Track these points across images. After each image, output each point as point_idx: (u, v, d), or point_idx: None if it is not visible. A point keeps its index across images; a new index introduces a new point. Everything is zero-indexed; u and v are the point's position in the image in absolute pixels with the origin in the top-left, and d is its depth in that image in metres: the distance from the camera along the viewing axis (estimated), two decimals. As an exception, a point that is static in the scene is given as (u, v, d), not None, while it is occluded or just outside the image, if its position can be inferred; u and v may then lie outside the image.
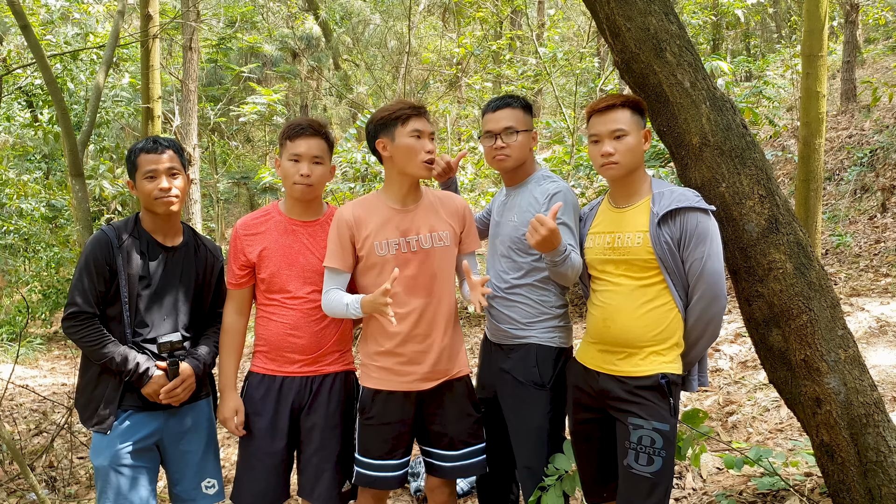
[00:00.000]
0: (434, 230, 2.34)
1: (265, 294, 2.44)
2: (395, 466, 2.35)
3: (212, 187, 13.59)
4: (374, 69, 16.40)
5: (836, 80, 10.70)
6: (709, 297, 2.09)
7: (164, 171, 2.33)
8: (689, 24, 8.33)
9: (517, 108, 2.49)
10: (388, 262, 2.30)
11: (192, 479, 2.45)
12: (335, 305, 2.28)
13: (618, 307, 2.17)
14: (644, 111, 2.22)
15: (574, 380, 2.33)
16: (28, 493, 3.89)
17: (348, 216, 2.32)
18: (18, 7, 4.02)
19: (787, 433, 3.59)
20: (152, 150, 2.34)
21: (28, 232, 11.51)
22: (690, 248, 2.08)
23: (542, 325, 2.43)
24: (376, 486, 2.35)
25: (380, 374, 2.35)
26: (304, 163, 2.36)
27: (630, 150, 2.14)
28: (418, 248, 2.32)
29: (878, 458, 2.16)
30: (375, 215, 2.33)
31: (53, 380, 7.53)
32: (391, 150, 2.30)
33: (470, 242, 2.46)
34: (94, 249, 2.29)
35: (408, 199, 2.36)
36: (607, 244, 2.21)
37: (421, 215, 2.35)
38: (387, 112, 2.29)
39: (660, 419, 2.07)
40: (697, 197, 2.12)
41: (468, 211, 2.47)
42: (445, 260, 2.36)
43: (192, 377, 2.35)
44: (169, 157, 2.35)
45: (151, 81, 6.36)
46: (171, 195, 2.33)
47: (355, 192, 6.59)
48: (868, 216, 7.56)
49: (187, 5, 7.60)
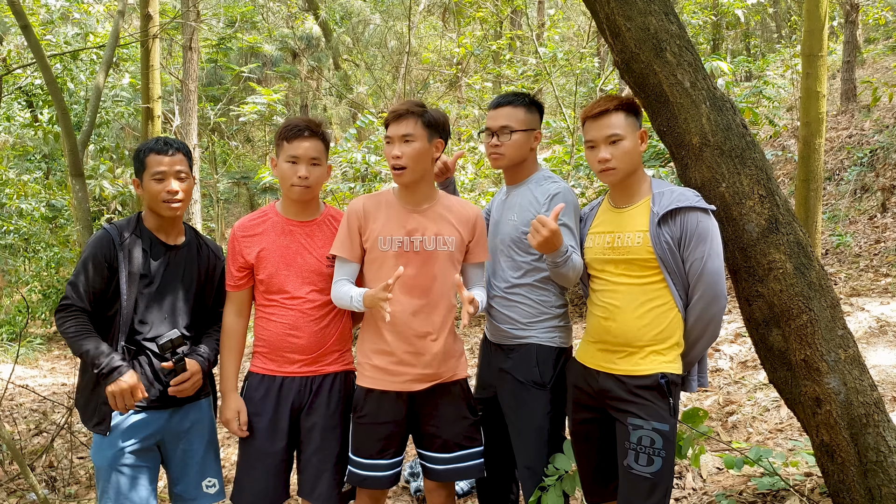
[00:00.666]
0: (440, 234, 2.34)
1: (264, 295, 2.44)
2: (386, 466, 2.36)
3: (212, 187, 13.58)
4: (374, 69, 16.40)
5: (836, 80, 10.70)
6: (709, 296, 2.09)
7: (172, 174, 2.33)
8: (689, 24, 8.33)
9: (518, 106, 2.48)
10: (389, 258, 2.31)
11: (193, 478, 2.45)
12: (342, 296, 2.32)
13: (618, 307, 2.17)
14: (639, 112, 2.22)
15: (574, 379, 2.33)
16: (28, 493, 3.89)
17: (359, 207, 2.36)
18: (19, 7, 4.02)
19: (787, 433, 3.59)
20: (162, 152, 2.34)
21: (28, 232, 11.51)
22: (691, 247, 2.08)
23: (542, 325, 2.43)
24: (367, 486, 2.36)
25: (373, 374, 2.35)
26: (301, 164, 2.36)
27: (627, 154, 2.14)
28: (421, 248, 2.32)
29: (878, 458, 2.16)
30: (385, 210, 2.35)
31: (53, 380, 7.53)
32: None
33: (478, 253, 2.44)
34: (95, 247, 2.29)
35: (416, 200, 2.36)
36: (607, 244, 2.21)
37: (430, 218, 2.35)
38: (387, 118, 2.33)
39: (659, 419, 2.06)
40: (697, 197, 2.12)
41: (480, 221, 2.45)
42: (447, 265, 2.35)
43: (199, 373, 2.36)
44: (178, 159, 2.36)
45: (151, 81, 6.36)
46: (178, 198, 2.34)
47: (355, 192, 6.59)
48: (868, 216, 7.56)
49: (187, 5, 7.60)
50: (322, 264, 2.41)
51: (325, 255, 2.42)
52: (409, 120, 2.27)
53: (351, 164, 6.46)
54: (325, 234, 2.46)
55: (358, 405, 2.38)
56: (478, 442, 2.44)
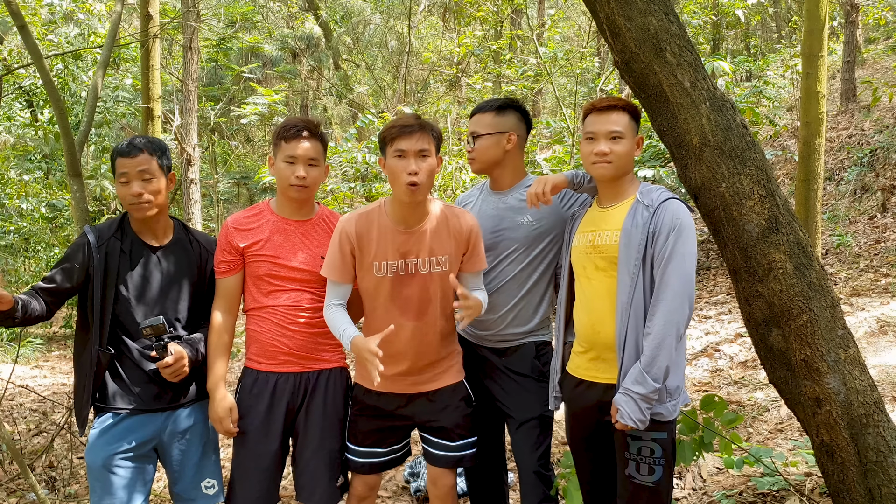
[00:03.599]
0: (434, 254, 2.29)
1: (256, 295, 2.42)
2: (383, 454, 2.43)
3: (212, 187, 13.58)
4: (375, 69, 16.39)
5: (837, 80, 10.69)
6: (673, 298, 2.01)
7: (135, 176, 2.27)
8: (690, 24, 8.32)
9: (487, 112, 2.50)
10: (385, 283, 2.29)
11: (192, 479, 2.44)
12: (334, 327, 2.29)
13: (604, 310, 2.14)
14: (640, 118, 2.24)
15: (569, 394, 2.30)
16: (28, 493, 3.89)
17: (350, 230, 2.28)
18: (15, 7, 4.01)
19: (787, 433, 3.59)
20: (125, 154, 2.27)
21: (28, 232, 11.50)
22: (663, 240, 2.04)
23: (539, 323, 2.50)
24: (363, 471, 2.41)
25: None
26: (299, 165, 2.34)
27: (624, 154, 2.16)
28: (416, 271, 2.29)
29: (879, 459, 2.16)
30: (377, 233, 2.28)
31: (53, 380, 7.53)
32: (385, 170, 2.27)
33: (474, 263, 2.37)
34: (70, 251, 2.30)
35: (410, 220, 2.29)
36: (589, 242, 2.22)
37: (423, 237, 2.29)
38: (383, 131, 2.26)
39: (657, 428, 2.05)
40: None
41: (475, 232, 2.36)
42: (442, 284, 2.33)
43: (183, 359, 2.27)
44: (142, 160, 2.27)
45: (151, 81, 6.35)
46: (143, 201, 2.27)
47: (355, 192, 6.60)
48: (868, 216, 7.56)
49: (187, 5, 7.59)
50: (317, 265, 2.40)
51: (319, 256, 2.40)
52: (424, 135, 2.20)
53: (351, 164, 6.47)
54: (319, 234, 2.45)
55: (357, 398, 2.43)
56: (473, 432, 2.47)
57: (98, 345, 2.27)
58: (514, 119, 2.51)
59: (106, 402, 2.32)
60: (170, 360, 2.22)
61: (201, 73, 12.72)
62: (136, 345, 2.32)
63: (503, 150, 2.49)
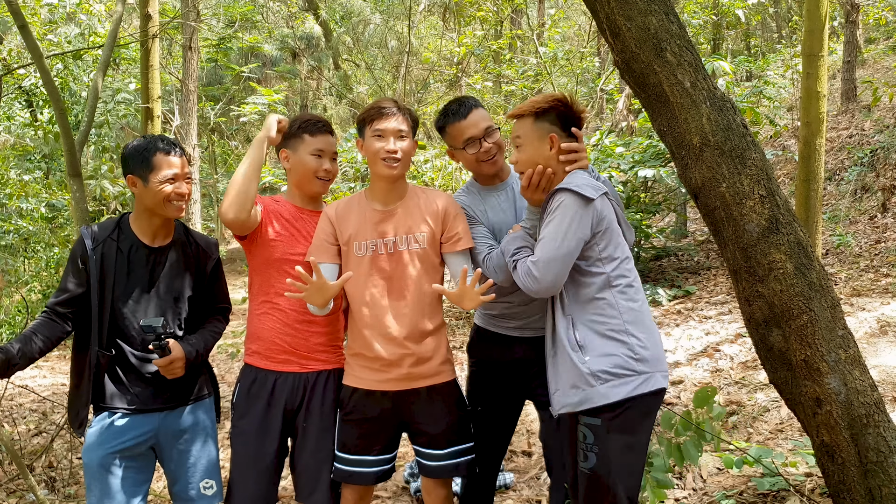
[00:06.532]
0: (410, 232, 2.34)
1: (260, 290, 2.43)
2: (371, 462, 2.36)
3: (212, 187, 13.58)
4: (374, 69, 16.39)
5: (837, 80, 10.68)
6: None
7: (182, 176, 2.33)
8: (690, 24, 8.33)
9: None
10: (364, 262, 2.32)
11: (191, 479, 2.43)
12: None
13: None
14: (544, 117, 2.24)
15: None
16: (27, 494, 3.89)
17: (331, 212, 2.40)
18: (16, 6, 4.01)
19: (787, 433, 3.59)
20: (170, 152, 2.31)
21: (28, 232, 11.49)
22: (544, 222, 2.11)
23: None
24: (352, 482, 2.36)
25: (358, 373, 2.36)
26: (326, 158, 2.42)
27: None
28: (395, 249, 2.33)
29: (879, 459, 2.15)
30: (357, 215, 2.37)
31: (53, 380, 7.52)
32: (364, 151, 2.36)
33: (455, 242, 2.36)
34: (70, 255, 2.31)
35: (388, 199, 2.38)
36: None
37: (400, 216, 2.36)
38: (362, 113, 2.36)
39: (589, 413, 2.06)
40: (581, 182, 2.11)
41: (451, 209, 2.39)
42: (423, 264, 2.33)
43: (181, 359, 2.27)
44: (185, 161, 2.37)
45: (151, 81, 6.35)
46: (186, 200, 2.35)
47: (355, 192, 6.60)
48: (868, 216, 7.56)
49: (187, 5, 7.59)
50: None
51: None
52: (402, 117, 2.32)
53: (351, 164, 6.47)
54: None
55: (344, 402, 2.39)
56: (468, 438, 2.42)
57: (98, 346, 2.27)
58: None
59: (104, 402, 2.31)
60: (163, 362, 2.23)
61: (201, 73, 12.72)
62: (134, 346, 2.32)
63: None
